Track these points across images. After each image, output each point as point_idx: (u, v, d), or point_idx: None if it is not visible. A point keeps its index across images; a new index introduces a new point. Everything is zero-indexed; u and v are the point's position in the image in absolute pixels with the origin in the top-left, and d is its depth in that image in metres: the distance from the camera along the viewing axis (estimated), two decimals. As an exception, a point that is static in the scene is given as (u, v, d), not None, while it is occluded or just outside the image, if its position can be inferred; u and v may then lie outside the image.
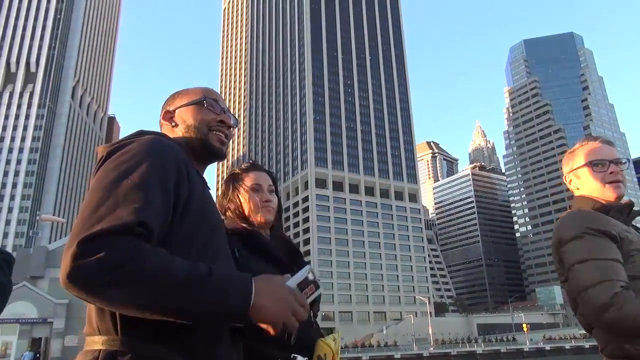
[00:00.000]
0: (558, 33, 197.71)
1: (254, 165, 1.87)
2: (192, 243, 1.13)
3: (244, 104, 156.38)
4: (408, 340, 79.02)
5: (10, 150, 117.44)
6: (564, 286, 1.64)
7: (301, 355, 1.50)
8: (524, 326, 75.81)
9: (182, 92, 1.42)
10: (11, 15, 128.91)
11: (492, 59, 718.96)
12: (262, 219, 1.76)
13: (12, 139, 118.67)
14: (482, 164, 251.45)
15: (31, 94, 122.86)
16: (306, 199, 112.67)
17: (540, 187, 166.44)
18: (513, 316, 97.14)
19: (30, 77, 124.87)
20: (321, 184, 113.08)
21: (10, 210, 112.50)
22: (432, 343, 72.16)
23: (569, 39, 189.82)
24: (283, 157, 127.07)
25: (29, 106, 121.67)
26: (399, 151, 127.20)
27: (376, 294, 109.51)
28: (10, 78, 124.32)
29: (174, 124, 1.37)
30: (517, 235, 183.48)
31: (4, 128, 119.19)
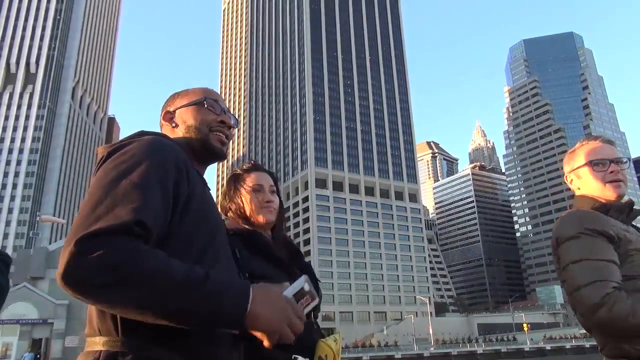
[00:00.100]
0: (558, 33, 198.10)
1: (255, 166, 1.87)
2: (193, 243, 1.13)
3: (244, 104, 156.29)
4: (408, 340, 78.97)
5: (10, 151, 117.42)
6: (563, 286, 1.64)
7: (302, 356, 1.49)
8: (525, 326, 75.93)
9: (182, 92, 1.43)
10: (11, 16, 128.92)
11: (492, 59, 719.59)
12: (263, 220, 1.76)
13: (12, 139, 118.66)
14: (482, 163, 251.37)
15: (31, 95, 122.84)
16: (306, 199, 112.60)
17: (540, 187, 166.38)
18: (513, 316, 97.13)
19: (30, 78, 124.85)
20: (321, 184, 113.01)
21: (10, 211, 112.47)
22: (433, 343, 72.09)
23: (568, 38, 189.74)
24: (283, 157, 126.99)
25: (29, 107, 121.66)
26: (399, 151, 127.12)
27: (376, 294, 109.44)
28: (10, 79, 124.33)
29: (174, 125, 1.37)
30: (518, 234, 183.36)
31: (4, 129, 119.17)
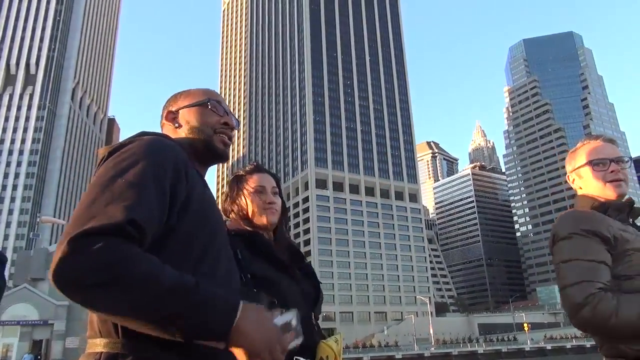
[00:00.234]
0: (557, 32, 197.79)
1: (257, 167, 1.86)
2: (192, 244, 1.13)
3: (244, 104, 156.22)
4: (409, 340, 78.82)
5: (10, 152, 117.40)
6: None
7: (303, 357, 1.48)
8: (525, 326, 75.95)
9: (184, 92, 1.43)
10: (11, 17, 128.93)
11: (492, 58, 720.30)
12: (265, 221, 1.75)
13: (12, 141, 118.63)
14: (482, 163, 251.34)
15: (31, 96, 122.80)
16: (306, 199, 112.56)
17: (540, 187, 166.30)
18: (514, 316, 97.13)
19: (30, 79, 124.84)
20: (321, 184, 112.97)
21: (10, 212, 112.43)
22: (433, 343, 72.09)
23: (568, 38, 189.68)
24: (283, 157, 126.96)
25: (29, 108, 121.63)
26: (399, 151, 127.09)
27: (377, 294, 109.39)
28: (10, 80, 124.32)
29: (177, 125, 1.36)
30: (518, 234, 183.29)
31: (4, 130, 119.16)
